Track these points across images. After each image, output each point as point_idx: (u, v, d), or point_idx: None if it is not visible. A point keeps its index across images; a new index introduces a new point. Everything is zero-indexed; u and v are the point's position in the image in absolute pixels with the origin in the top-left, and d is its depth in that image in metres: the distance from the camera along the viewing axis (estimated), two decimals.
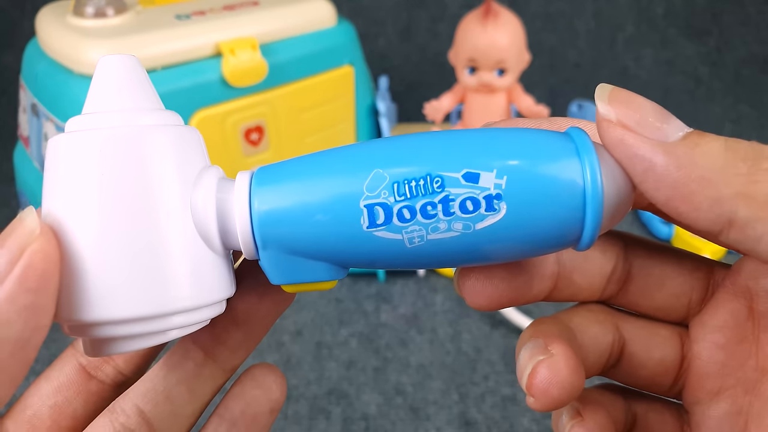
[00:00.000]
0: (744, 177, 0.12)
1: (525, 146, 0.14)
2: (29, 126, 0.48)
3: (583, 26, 0.93)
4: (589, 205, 0.13)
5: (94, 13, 0.45)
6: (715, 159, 0.12)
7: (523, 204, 0.13)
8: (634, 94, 0.14)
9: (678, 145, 0.12)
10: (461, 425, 0.42)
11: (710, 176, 0.12)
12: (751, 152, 0.12)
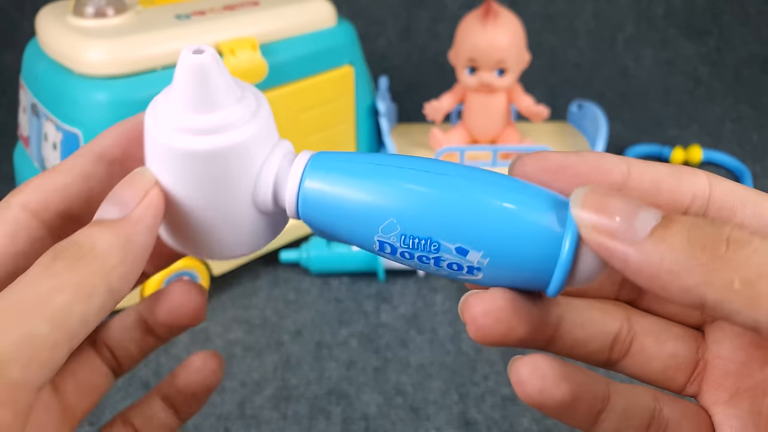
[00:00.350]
0: (705, 266, 0.13)
1: (516, 228, 0.16)
2: (29, 126, 0.48)
3: (583, 26, 0.93)
4: (554, 281, 0.16)
5: (94, 13, 0.45)
6: (678, 252, 0.13)
7: (497, 276, 0.17)
8: (605, 194, 0.15)
9: (647, 243, 0.14)
10: (461, 425, 0.42)
11: (676, 269, 0.13)
12: (710, 240, 0.13)
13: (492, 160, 0.57)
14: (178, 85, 0.18)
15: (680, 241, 0.13)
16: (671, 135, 0.76)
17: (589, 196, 0.15)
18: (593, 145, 0.57)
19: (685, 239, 0.13)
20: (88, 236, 0.15)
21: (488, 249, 0.16)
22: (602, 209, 0.14)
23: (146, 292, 0.49)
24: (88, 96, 0.42)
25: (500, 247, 0.16)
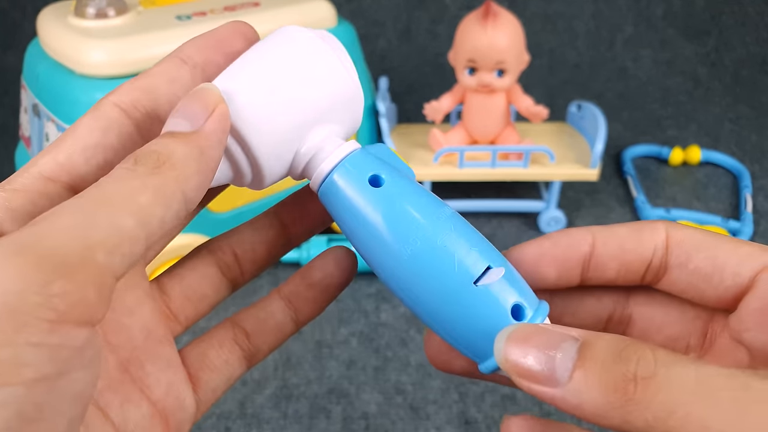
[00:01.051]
0: (620, 409, 0.14)
1: (469, 322, 0.18)
2: (30, 126, 0.48)
3: (582, 27, 0.93)
4: (485, 366, 0.18)
5: (95, 14, 0.45)
6: (596, 397, 0.14)
7: (449, 340, 0.19)
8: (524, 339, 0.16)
9: (568, 388, 0.15)
10: (461, 424, 0.42)
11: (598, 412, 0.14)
12: (620, 381, 0.14)
13: (491, 160, 0.57)
14: None
15: (595, 385, 0.14)
16: (670, 135, 0.76)
17: (509, 344, 0.16)
18: (592, 145, 0.57)
19: (598, 382, 0.14)
20: (165, 146, 0.15)
21: (444, 329, 0.18)
22: (524, 356, 0.15)
23: None
24: (89, 96, 0.43)
25: (453, 329, 0.18)
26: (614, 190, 0.67)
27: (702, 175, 0.69)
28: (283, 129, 0.18)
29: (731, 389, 0.13)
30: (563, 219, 0.60)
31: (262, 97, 0.18)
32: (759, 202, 0.64)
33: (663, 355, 0.14)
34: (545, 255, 0.19)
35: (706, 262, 0.17)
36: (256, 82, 0.18)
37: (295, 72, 0.18)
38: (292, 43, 0.18)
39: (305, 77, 0.18)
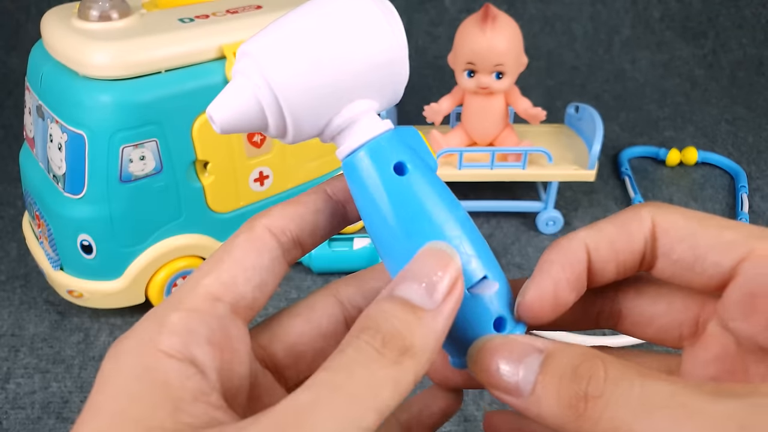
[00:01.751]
0: (573, 424, 0.15)
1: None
2: (34, 127, 0.49)
3: (580, 29, 0.94)
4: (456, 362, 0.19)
5: (98, 17, 0.45)
6: (554, 410, 0.15)
7: None
8: (492, 352, 0.17)
9: (530, 400, 0.16)
10: (460, 422, 0.43)
11: (556, 423, 0.15)
12: (573, 398, 0.15)
13: (490, 161, 0.58)
14: None
15: (553, 400, 0.15)
16: (667, 136, 0.77)
17: (481, 355, 0.17)
18: (590, 146, 0.58)
19: (555, 397, 0.15)
20: (409, 328, 0.15)
21: None
22: (494, 367, 0.17)
23: (151, 294, 0.49)
24: (92, 98, 0.43)
25: None
26: (612, 190, 0.67)
27: (699, 175, 0.70)
28: (319, 92, 0.18)
29: (669, 407, 0.14)
30: (561, 219, 0.60)
31: (302, 54, 0.18)
32: (755, 202, 0.65)
33: (614, 371, 0.15)
34: (560, 282, 0.19)
35: (688, 252, 0.17)
36: (296, 37, 0.18)
37: (338, 30, 0.18)
38: (341, 1, 0.18)
39: (349, 37, 0.18)
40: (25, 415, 0.44)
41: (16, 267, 0.56)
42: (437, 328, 0.16)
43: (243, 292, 0.18)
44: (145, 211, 0.47)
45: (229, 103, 0.18)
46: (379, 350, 0.15)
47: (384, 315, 0.16)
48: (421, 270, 0.16)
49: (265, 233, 0.18)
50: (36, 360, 0.48)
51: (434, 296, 0.16)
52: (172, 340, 0.16)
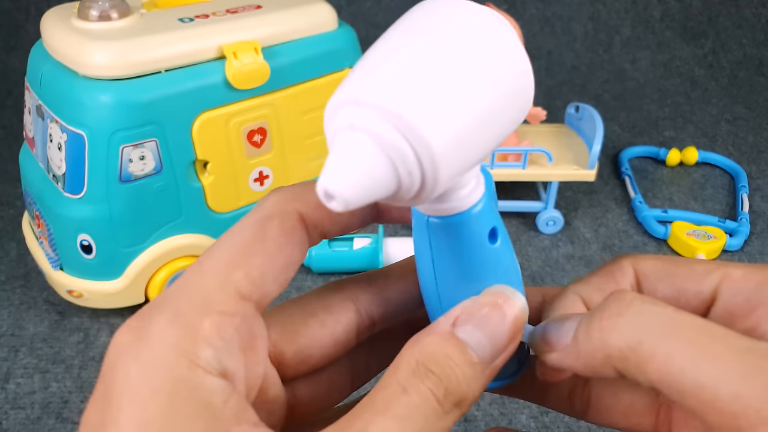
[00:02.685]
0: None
1: None
2: (34, 127, 0.49)
3: (580, 29, 0.94)
4: None
5: (98, 16, 0.45)
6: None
7: None
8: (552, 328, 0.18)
9: (569, 345, 0.17)
10: (460, 422, 0.43)
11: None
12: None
13: (490, 161, 0.58)
14: None
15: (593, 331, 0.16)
16: (667, 136, 0.77)
17: (540, 331, 0.18)
18: (590, 146, 0.58)
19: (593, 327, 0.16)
20: (468, 383, 0.15)
21: None
22: (547, 329, 0.18)
23: (150, 294, 0.49)
24: (92, 98, 0.43)
25: None
26: (612, 190, 0.67)
27: (699, 175, 0.70)
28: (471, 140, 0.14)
29: (691, 332, 0.15)
30: (561, 219, 0.60)
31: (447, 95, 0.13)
32: (755, 202, 0.65)
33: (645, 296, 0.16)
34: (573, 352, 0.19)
35: (669, 288, 0.19)
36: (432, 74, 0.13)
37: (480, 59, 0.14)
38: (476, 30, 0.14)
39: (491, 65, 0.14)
40: (24, 415, 0.44)
41: (15, 267, 0.56)
42: (485, 382, 0.16)
43: (270, 291, 0.16)
44: (145, 211, 0.47)
45: (357, 171, 0.13)
46: (441, 402, 0.15)
47: (446, 361, 0.15)
48: (486, 315, 0.16)
49: (299, 226, 0.17)
50: (36, 360, 0.48)
51: (494, 351, 0.16)
52: (208, 353, 0.14)
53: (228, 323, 0.15)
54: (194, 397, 0.14)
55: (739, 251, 0.58)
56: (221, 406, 0.14)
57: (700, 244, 0.57)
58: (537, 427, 0.42)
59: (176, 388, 0.14)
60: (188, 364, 0.14)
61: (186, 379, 0.14)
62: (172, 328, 0.14)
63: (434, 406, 0.15)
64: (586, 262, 0.57)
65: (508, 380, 0.20)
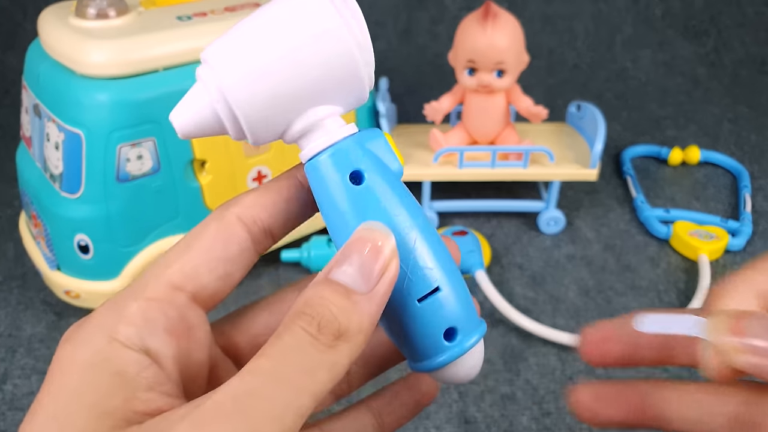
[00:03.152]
0: None
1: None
2: (31, 126, 0.48)
3: (581, 27, 0.94)
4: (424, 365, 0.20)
5: (95, 15, 0.45)
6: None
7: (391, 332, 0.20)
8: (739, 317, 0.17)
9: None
10: (460, 423, 0.43)
11: None
12: None
13: (491, 160, 0.57)
14: None
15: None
16: (669, 135, 0.77)
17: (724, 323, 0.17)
18: (591, 145, 0.57)
19: None
20: (344, 313, 0.16)
21: (386, 326, 0.20)
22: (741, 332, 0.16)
23: None
24: (90, 97, 0.43)
25: (392, 330, 0.20)
26: (614, 190, 0.67)
27: (701, 175, 0.70)
28: (273, 101, 0.18)
29: None
30: (563, 219, 0.60)
31: (253, 62, 0.17)
32: (758, 202, 0.65)
33: None
34: None
35: None
36: (248, 44, 0.18)
37: (291, 36, 0.18)
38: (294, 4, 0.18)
39: (302, 41, 0.18)
40: (22, 416, 0.43)
41: (12, 267, 0.56)
42: (371, 310, 0.16)
43: (205, 283, 0.18)
44: (143, 211, 0.46)
45: (188, 110, 0.18)
46: (314, 336, 0.15)
47: (320, 300, 0.16)
48: (354, 252, 0.17)
49: (236, 223, 0.18)
50: (33, 361, 0.47)
51: (368, 279, 0.16)
52: (129, 330, 0.16)
53: (154, 307, 0.17)
54: (107, 365, 0.16)
55: (742, 251, 0.58)
56: (134, 375, 0.16)
57: (703, 244, 0.56)
58: (538, 429, 0.42)
59: (93, 359, 0.16)
60: (108, 339, 0.16)
61: (103, 350, 0.16)
62: (104, 312, 0.17)
63: (310, 341, 0.15)
64: (588, 263, 0.57)
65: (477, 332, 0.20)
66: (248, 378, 0.15)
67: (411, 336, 0.19)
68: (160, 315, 0.17)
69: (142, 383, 0.16)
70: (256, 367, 0.15)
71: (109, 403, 0.15)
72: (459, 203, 0.61)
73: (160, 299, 0.17)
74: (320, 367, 0.15)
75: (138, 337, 0.16)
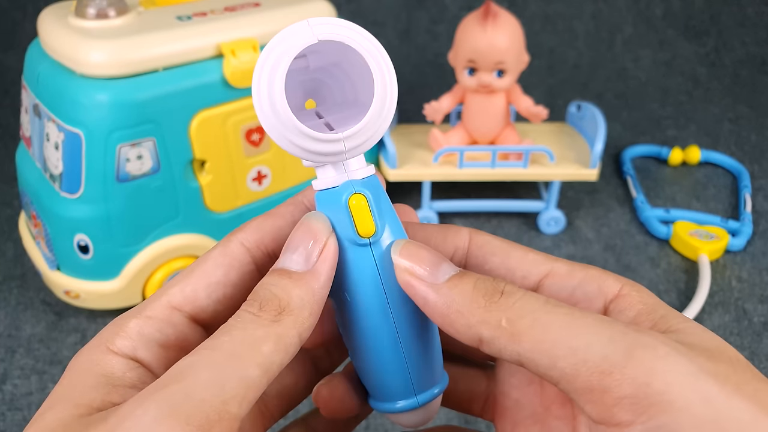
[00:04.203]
0: (483, 309, 0.17)
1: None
2: (31, 126, 0.48)
3: (581, 27, 0.93)
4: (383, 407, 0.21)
5: (95, 14, 0.45)
6: (465, 296, 0.17)
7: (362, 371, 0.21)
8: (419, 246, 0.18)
9: (443, 287, 0.17)
10: (461, 423, 0.43)
11: (462, 310, 0.17)
12: (490, 289, 0.17)
13: (491, 160, 0.57)
14: None
15: (468, 289, 0.17)
16: (670, 135, 0.77)
17: (406, 247, 0.18)
18: (592, 145, 0.57)
19: (471, 287, 0.17)
20: (284, 289, 0.17)
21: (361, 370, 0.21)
22: (413, 257, 0.18)
23: (148, 294, 0.49)
24: (89, 96, 0.43)
25: (366, 375, 0.21)
26: (614, 190, 0.67)
27: (701, 175, 0.70)
28: None
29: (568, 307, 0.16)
30: (563, 219, 0.60)
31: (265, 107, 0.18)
32: (758, 202, 0.65)
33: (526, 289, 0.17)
34: None
35: (499, 265, 0.20)
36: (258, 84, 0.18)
37: None
38: None
39: None
40: (21, 416, 0.43)
41: (12, 267, 0.56)
42: (313, 285, 0.17)
43: (204, 305, 0.19)
44: (143, 211, 0.46)
45: None
46: (256, 314, 0.17)
47: (261, 285, 0.17)
48: (295, 241, 0.18)
49: (239, 248, 0.19)
50: (33, 361, 0.47)
51: (307, 259, 0.18)
52: (123, 342, 0.18)
53: (150, 324, 0.18)
54: (96, 368, 0.17)
55: (742, 251, 0.58)
56: (120, 375, 0.17)
57: (703, 244, 0.56)
58: None
59: (86, 365, 0.17)
60: (104, 349, 0.17)
61: (96, 358, 0.17)
62: (108, 328, 0.18)
63: (252, 319, 0.16)
64: (588, 263, 0.57)
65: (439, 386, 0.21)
66: (192, 356, 0.16)
67: (382, 379, 0.20)
68: (155, 331, 0.18)
69: (126, 382, 0.17)
70: (201, 346, 0.16)
71: (89, 395, 0.16)
72: (459, 203, 0.61)
73: (158, 318, 0.18)
74: (265, 340, 0.16)
75: (131, 348, 0.18)
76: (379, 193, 0.19)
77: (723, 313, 0.52)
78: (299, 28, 0.17)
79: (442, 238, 0.21)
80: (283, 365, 0.16)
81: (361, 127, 0.18)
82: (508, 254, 0.20)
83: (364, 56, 0.18)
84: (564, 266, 0.19)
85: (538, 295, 0.17)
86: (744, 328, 0.51)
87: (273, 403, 0.22)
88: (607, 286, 0.18)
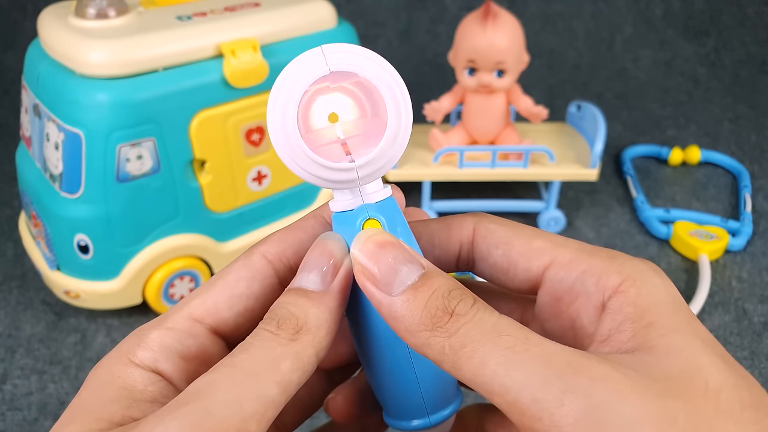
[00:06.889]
0: (428, 332, 0.16)
1: None
2: (31, 126, 0.48)
3: (582, 27, 0.93)
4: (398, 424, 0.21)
5: (95, 14, 0.45)
6: (414, 316, 0.17)
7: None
8: (380, 244, 0.18)
9: (396, 300, 0.17)
10: None
11: (411, 330, 0.17)
12: (440, 310, 0.16)
13: (491, 160, 0.57)
14: None
15: (418, 307, 0.17)
16: (670, 135, 0.77)
17: (366, 244, 0.18)
18: (592, 145, 0.57)
19: (422, 306, 0.17)
20: (301, 309, 0.17)
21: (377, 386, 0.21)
22: (373, 258, 0.17)
23: (148, 294, 0.49)
24: (89, 96, 0.43)
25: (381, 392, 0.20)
26: (614, 190, 0.67)
27: (701, 175, 0.70)
28: None
29: (513, 336, 0.16)
30: (563, 219, 0.60)
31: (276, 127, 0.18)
32: (758, 201, 0.65)
33: (481, 304, 0.17)
34: None
35: (502, 258, 0.19)
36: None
37: None
38: None
39: None
40: (21, 416, 0.43)
41: (12, 267, 0.56)
42: (330, 305, 0.18)
43: (225, 318, 0.19)
44: (143, 211, 0.46)
45: None
46: (274, 332, 0.17)
47: (278, 304, 0.18)
48: (312, 261, 0.18)
49: (261, 260, 0.19)
50: (33, 361, 0.47)
51: (323, 279, 0.18)
52: (145, 354, 0.18)
53: (171, 336, 0.18)
54: (117, 381, 0.17)
55: (742, 251, 0.58)
56: (141, 389, 0.17)
57: (703, 244, 0.56)
58: None
59: (107, 377, 0.17)
60: (126, 361, 0.17)
61: (118, 370, 0.17)
62: (129, 339, 0.18)
63: (270, 337, 0.17)
64: None
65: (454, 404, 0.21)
66: (211, 373, 0.16)
67: (395, 397, 0.20)
68: (176, 342, 0.18)
69: (147, 396, 0.17)
70: (220, 364, 0.16)
71: (109, 409, 0.16)
72: (459, 203, 0.61)
73: (179, 329, 0.18)
74: (283, 358, 0.16)
75: (152, 359, 0.18)
76: (394, 216, 0.19)
77: (723, 313, 0.52)
78: (312, 57, 0.17)
79: (446, 234, 0.20)
80: (301, 383, 0.16)
81: (374, 156, 0.18)
82: (512, 245, 0.19)
83: (377, 86, 0.18)
84: (568, 254, 0.18)
85: (488, 317, 0.16)
86: (744, 328, 0.51)
87: (288, 414, 0.22)
88: (607, 280, 0.18)
